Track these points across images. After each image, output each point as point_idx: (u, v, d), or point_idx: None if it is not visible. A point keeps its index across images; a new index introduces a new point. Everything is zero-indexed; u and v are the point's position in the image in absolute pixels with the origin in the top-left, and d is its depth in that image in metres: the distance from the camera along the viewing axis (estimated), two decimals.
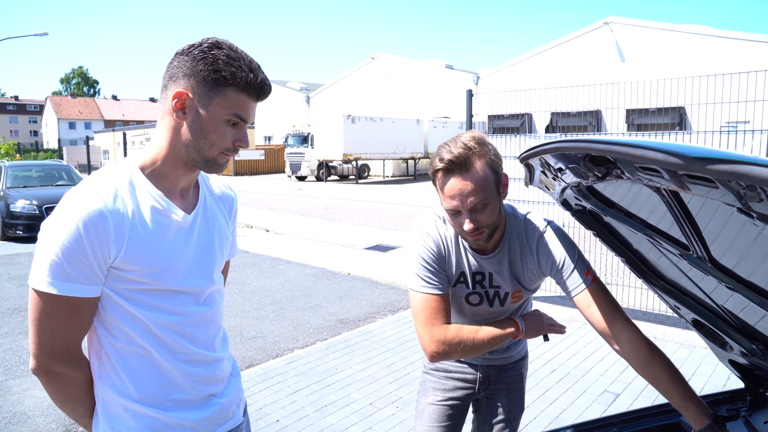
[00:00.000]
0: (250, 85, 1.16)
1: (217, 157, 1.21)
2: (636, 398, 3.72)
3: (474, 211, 1.48)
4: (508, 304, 1.74)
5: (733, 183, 0.74)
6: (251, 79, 1.16)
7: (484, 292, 1.71)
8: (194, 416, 1.28)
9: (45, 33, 25.15)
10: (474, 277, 1.70)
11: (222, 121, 1.18)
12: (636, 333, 1.46)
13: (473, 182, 1.45)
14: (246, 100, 1.18)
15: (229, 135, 1.20)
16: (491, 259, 1.66)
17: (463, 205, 1.47)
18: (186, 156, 1.20)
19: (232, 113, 1.17)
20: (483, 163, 1.47)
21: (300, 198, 18.22)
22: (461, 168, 1.45)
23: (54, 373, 1.17)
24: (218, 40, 1.18)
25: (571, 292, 1.56)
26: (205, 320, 1.30)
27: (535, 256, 1.64)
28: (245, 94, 1.17)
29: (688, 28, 19.44)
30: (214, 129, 1.18)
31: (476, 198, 1.46)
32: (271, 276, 7.44)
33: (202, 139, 1.18)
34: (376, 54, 32.45)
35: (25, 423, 3.53)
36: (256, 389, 3.96)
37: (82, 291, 1.12)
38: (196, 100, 1.16)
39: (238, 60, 1.16)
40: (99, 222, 1.10)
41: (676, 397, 1.37)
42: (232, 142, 1.20)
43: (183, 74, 1.16)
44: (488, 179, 1.47)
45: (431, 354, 1.56)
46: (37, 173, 12.11)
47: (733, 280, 1.18)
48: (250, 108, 1.20)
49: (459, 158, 1.44)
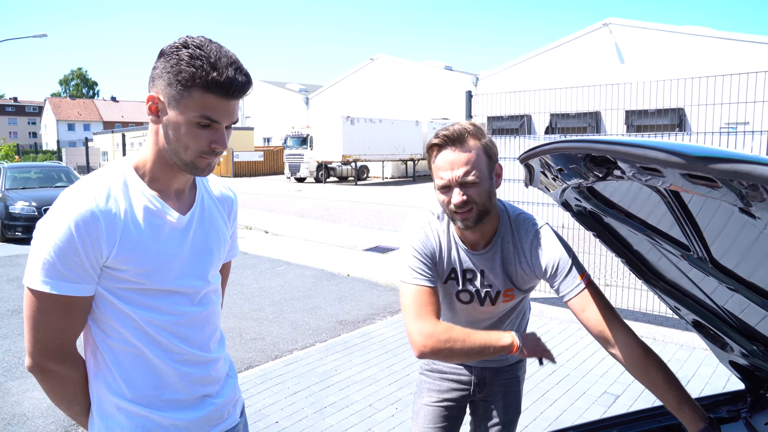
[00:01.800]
0: (214, 83, 1.09)
1: (195, 160, 1.16)
2: (636, 400, 3.72)
3: (464, 186, 1.49)
4: (500, 303, 1.72)
5: (735, 183, 0.74)
6: (214, 77, 1.08)
7: (475, 291, 1.70)
8: (188, 416, 1.28)
9: (44, 34, 25.14)
10: (464, 275, 1.69)
11: (191, 124, 1.12)
12: (631, 336, 1.44)
13: (466, 156, 1.49)
14: (213, 100, 1.11)
15: (203, 137, 1.14)
16: (483, 255, 1.65)
17: (454, 179, 1.48)
18: (170, 158, 1.19)
19: (199, 115, 1.11)
20: (477, 143, 1.51)
21: (299, 199, 18.21)
22: (455, 142, 1.49)
23: (49, 371, 1.18)
24: (188, 38, 1.13)
25: (566, 296, 1.54)
26: (200, 321, 1.30)
27: (528, 258, 1.62)
28: (211, 93, 1.10)
29: (688, 30, 19.47)
30: (186, 132, 1.13)
31: (467, 170, 1.48)
32: (270, 277, 7.43)
33: (176, 143, 1.15)
34: (375, 55, 32.47)
35: (24, 424, 3.52)
36: (255, 391, 3.96)
37: (75, 290, 1.12)
38: (166, 103, 1.13)
39: (200, 58, 1.09)
40: (90, 222, 1.10)
41: (671, 401, 1.36)
42: (207, 145, 1.15)
43: (157, 76, 1.14)
44: (480, 158, 1.51)
45: (419, 349, 1.47)
46: (36, 175, 12.10)
47: (733, 280, 1.17)
48: (220, 108, 1.12)
49: (454, 134, 1.49)
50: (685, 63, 18.49)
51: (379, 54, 32.41)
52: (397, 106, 30.85)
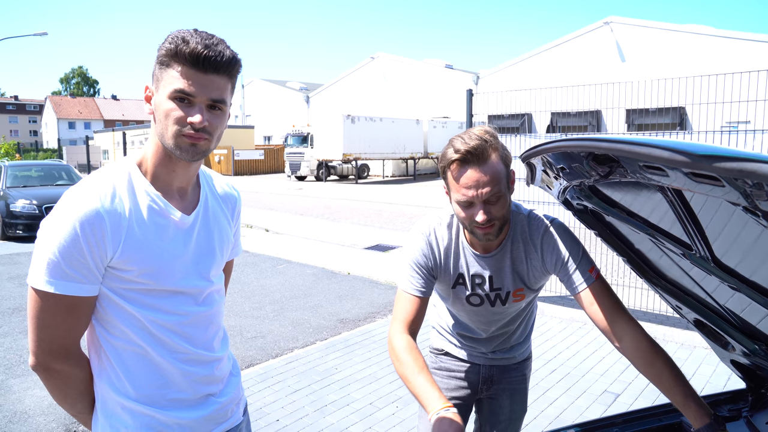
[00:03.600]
0: (184, 55, 1.10)
1: (177, 140, 1.14)
2: (636, 398, 3.72)
3: (488, 203, 1.48)
4: (510, 303, 1.73)
5: (739, 181, 0.74)
6: (182, 47, 1.10)
7: (485, 294, 1.71)
8: (192, 415, 1.28)
9: (45, 33, 25.14)
10: (473, 279, 1.69)
11: (167, 100, 1.13)
12: (639, 330, 1.45)
13: (489, 173, 1.45)
14: (187, 72, 1.11)
15: (180, 113, 1.13)
16: (492, 257, 1.66)
17: (478, 196, 1.46)
18: (164, 146, 1.19)
19: (173, 89, 1.12)
20: (497, 156, 1.47)
21: (300, 198, 18.21)
22: (478, 159, 1.44)
23: (53, 370, 1.18)
24: (179, 30, 1.15)
25: (575, 289, 1.56)
26: (204, 320, 1.30)
27: (539, 253, 1.63)
28: (181, 65, 1.11)
29: (689, 28, 19.44)
30: (165, 112, 1.14)
31: (492, 189, 1.45)
32: (270, 276, 7.43)
33: (161, 124, 1.16)
34: (376, 54, 32.44)
35: (26, 422, 3.52)
36: (255, 389, 3.96)
37: (80, 290, 1.12)
38: (154, 89, 1.18)
39: (176, 38, 1.12)
40: (95, 222, 1.10)
41: (677, 396, 1.36)
42: (184, 120, 1.13)
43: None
44: (502, 172, 1.48)
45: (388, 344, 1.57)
46: (37, 173, 12.11)
47: (735, 279, 1.17)
48: (194, 81, 1.11)
49: (476, 149, 1.43)
50: (686, 62, 18.46)
51: (380, 52, 32.37)
52: (398, 105, 30.83)
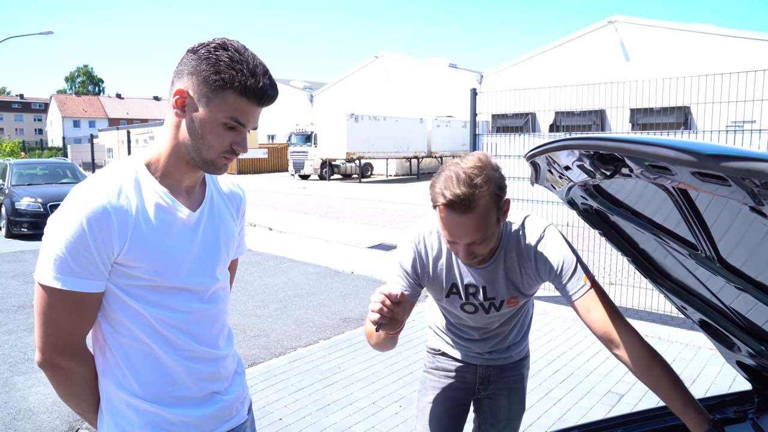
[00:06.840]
0: (250, 89, 1.13)
1: (216, 159, 1.20)
2: (640, 399, 3.71)
3: (472, 244, 1.47)
4: (504, 309, 1.74)
5: (747, 181, 0.73)
6: (251, 83, 1.13)
7: (479, 303, 1.71)
8: (197, 413, 1.28)
9: (50, 32, 25.20)
10: (467, 289, 1.69)
11: (218, 124, 1.15)
12: (636, 337, 1.44)
13: (474, 222, 1.40)
14: (246, 104, 1.15)
15: (227, 138, 1.18)
16: (485, 269, 1.65)
17: (461, 240, 1.45)
18: (186, 155, 1.20)
19: (229, 116, 1.14)
20: (487, 200, 1.40)
21: (303, 196, 18.23)
22: (465, 208, 1.38)
23: (59, 367, 1.18)
24: (227, 40, 1.16)
25: (571, 297, 1.55)
26: (209, 318, 1.30)
27: (533, 263, 1.62)
28: (245, 98, 1.14)
29: (694, 27, 19.34)
30: (210, 130, 1.16)
31: (476, 236, 1.44)
32: (274, 274, 7.44)
33: (200, 140, 1.17)
34: (380, 53, 32.43)
35: (30, 419, 3.54)
36: (259, 387, 3.97)
37: (86, 286, 1.13)
38: (195, 99, 1.15)
39: (240, 63, 1.13)
40: (102, 218, 1.10)
41: (675, 402, 1.35)
42: (229, 146, 1.18)
43: (188, 72, 1.15)
44: (490, 215, 1.43)
45: None
46: (42, 171, 12.17)
47: (741, 279, 1.16)
48: (249, 113, 1.16)
49: (463, 199, 1.37)
50: (690, 61, 18.38)
51: (384, 51, 32.37)
52: (402, 104, 30.81)
